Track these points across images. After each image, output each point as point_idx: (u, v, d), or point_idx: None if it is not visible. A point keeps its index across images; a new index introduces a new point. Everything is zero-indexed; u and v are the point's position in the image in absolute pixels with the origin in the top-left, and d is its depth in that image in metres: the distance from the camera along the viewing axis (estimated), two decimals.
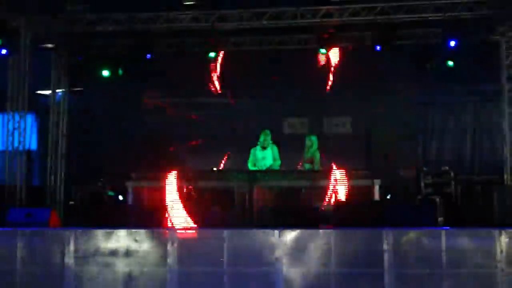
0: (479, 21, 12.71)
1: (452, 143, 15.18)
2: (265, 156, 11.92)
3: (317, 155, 12.11)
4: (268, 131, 12.19)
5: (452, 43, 12.69)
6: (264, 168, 11.69)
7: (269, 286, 7.81)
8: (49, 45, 13.88)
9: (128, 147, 14.94)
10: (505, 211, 10.51)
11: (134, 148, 14.57)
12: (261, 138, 12.01)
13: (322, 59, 14.70)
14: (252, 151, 12.18)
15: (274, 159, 11.92)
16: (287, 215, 9.32)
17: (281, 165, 12.04)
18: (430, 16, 12.34)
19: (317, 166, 11.90)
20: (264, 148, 11.95)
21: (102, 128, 15.79)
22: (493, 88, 14.12)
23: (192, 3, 12.29)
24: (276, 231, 7.85)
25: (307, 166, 11.96)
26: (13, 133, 13.04)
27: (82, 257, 8.01)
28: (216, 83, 15.09)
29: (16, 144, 13.04)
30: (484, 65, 13.53)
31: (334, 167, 13.87)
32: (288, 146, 14.47)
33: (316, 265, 7.78)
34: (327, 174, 11.12)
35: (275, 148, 12.08)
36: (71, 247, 8.05)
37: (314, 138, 12.25)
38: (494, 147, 14.78)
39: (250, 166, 12.03)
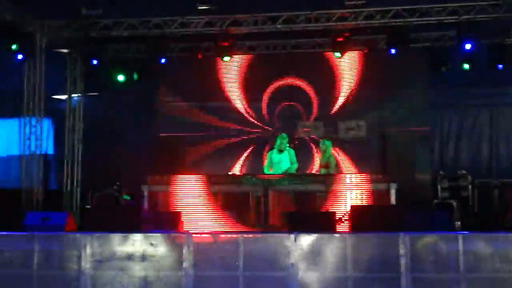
0: (494, 23, 12.63)
1: (468, 146, 15.06)
2: (281, 160, 11.93)
3: (332, 159, 12.09)
4: (285, 135, 12.21)
5: (468, 46, 12.59)
6: (280, 171, 11.67)
7: None
8: (64, 50, 13.97)
9: (143, 151, 14.97)
10: None
11: (150, 152, 14.60)
12: (278, 142, 12.03)
13: (337, 62, 14.73)
14: (268, 154, 12.22)
15: (291, 163, 11.91)
16: (303, 219, 9.28)
17: (297, 169, 12.03)
18: (445, 19, 12.29)
19: (332, 170, 11.87)
20: (280, 151, 11.96)
21: (118, 132, 15.84)
22: (509, 91, 14.05)
23: (206, 7, 12.29)
24: (292, 236, 7.83)
25: (323, 170, 11.94)
26: (30, 138, 13.13)
27: (98, 261, 8.03)
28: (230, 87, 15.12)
29: (33, 149, 13.14)
30: (499, 67, 13.42)
31: (350, 171, 13.93)
32: (303, 150, 14.52)
33: (332, 269, 7.75)
34: (343, 178, 11.08)
35: (292, 152, 12.08)
36: (88, 251, 8.08)
37: (328, 143, 12.25)
38: (511, 150, 14.67)
39: (266, 170, 12.03)
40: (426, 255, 7.69)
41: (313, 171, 13.35)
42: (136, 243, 8.01)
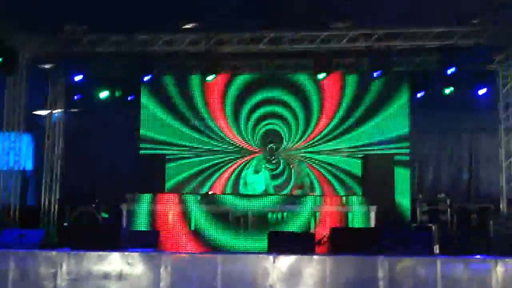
0: (476, 49, 12.77)
1: (448, 170, 15.13)
2: (255, 181, 11.89)
3: (307, 180, 12.10)
4: (261, 156, 12.27)
5: (450, 71, 12.70)
6: (254, 192, 11.64)
7: None
8: (47, 66, 13.89)
9: (123, 169, 14.89)
10: (501, 239, 10.46)
11: (130, 170, 14.51)
12: (254, 162, 12.04)
13: (319, 84, 14.81)
14: (244, 174, 12.19)
15: (266, 185, 11.90)
16: (282, 239, 9.23)
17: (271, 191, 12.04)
18: (427, 44, 12.40)
19: (307, 191, 11.88)
20: (257, 172, 11.93)
21: (98, 149, 15.74)
22: (490, 117, 14.16)
23: (190, 26, 12.32)
24: (271, 257, 7.79)
25: (298, 191, 11.95)
26: (8, 153, 13.01)
27: (74, 280, 7.93)
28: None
29: (11, 164, 13.01)
30: (480, 93, 13.54)
31: (329, 193, 13.95)
32: (283, 170, 14.55)
33: None
34: (323, 199, 11.08)
35: (267, 174, 12.10)
36: (64, 269, 7.98)
37: (303, 165, 12.35)
38: (490, 175, 14.76)
39: (241, 189, 12.01)
40: (404, 279, 7.68)
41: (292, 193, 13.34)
42: (113, 261, 7.92)
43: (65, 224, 13.16)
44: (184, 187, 14.81)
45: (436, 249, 11.54)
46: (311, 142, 14.91)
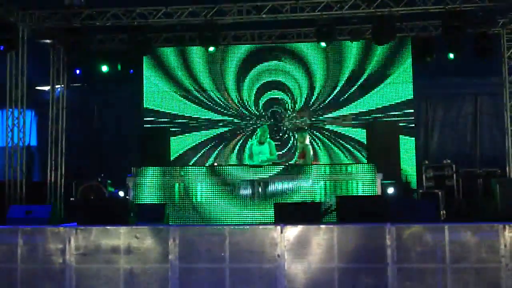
0: (480, 13, 12.63)
1: (453, 136, 15.12)
2: (261, 151, 11.87)
3: (309, 149, 12.06)
4: (266, 127, 12.21)
5: (453, 35, 12.56)
6: (259, 163, 11.62)
7: (271, 282, 7.76)
8: (47, 41, 13.80)
9: (128, 142, 14.92)
10: (508, 203, 10.47)
11: (135, 143, 14.53)
12: (259, 133, 11.98)
13: (322, 52, 14.74)
14: (249, 145, 12.16)
15: (271, 154, 11.88)
16: (289, 210, 9.25)
17: (275, 161, 12.02)
18: (431, 9, 12.26)
19: (309, 161, 11.86)
20: (261, 143, 11.90)
21: (102, 123, 15.76)
22: (494, 81, 14.08)
23: None
24: (278, 227, 7.79)
25: (301, 161, 11.93)
26: (12, 129, 12.98)
27: (83, 254, 7.96)
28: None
29: (16, 140, 12.99)
30: (484, 57, 13.43)
31: (335, 161, 13.94)
32: (288, 140, 14.54)
33: (319, 260, 7.73)
34: (329, 168, 11.06)
35: (272, 144, 12.06)
36: (72, 244, 8.00)
37: (305, 134, 12.26)
38: (495, 140, 14.73)
39: (247, 160, 11.99)
40: (412, 246, 7.68)
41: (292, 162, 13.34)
42: (121, 236, 7.94)
43: (72, 199, 13.18)
44: (189, 160, 14.83)
45: (443, 214, 11.58)
46: (315, 110, 14.87)
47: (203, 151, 14.96)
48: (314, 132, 14.71)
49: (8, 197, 12.52)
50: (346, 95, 14.80)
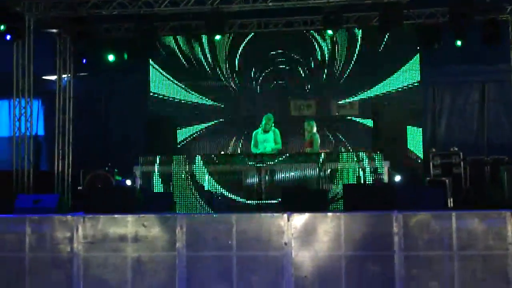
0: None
1: (460, 123, 15.07)
2: (266, 139, 11.87)
3: (316, 137, 12.05)
4: (270, 115, 12.15)
5: (460, 23, 12.49)
6: (264, 151, 11.62)
7: (278, 270, 7.78)
8: (53, 30, 13.81)
9: (135, 131, 14.93)
10: None
11: (142, 132, 14.55)
12: (263, 122, 11.97)
13: (328, 40, 14.68)
14: (254, 134, 12.15)
15: (275, 143, 11.87)
16: (296, 198, 9.25)
17: (281, 150, 12.00)
18: None
19: (316, 149, 11.85)
20: (266, 131, 11.89)
21: (109, 112, 15.78)
22: (502, 68, 14.01)
23: None
24: (285, 215, 7.80)
25: (308, 150, 11.91)
26: (20, 119, 13.02)
27: (91, 243, 8.00)
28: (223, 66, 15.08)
29: (23, 130, 13.03)
30: (492, 44, 13.35)
31: (342, 149, 13.91)
32: (295, 128, 14.51)
33: (326, 248, 7.74)
34: (335, 156, 11.05)
35: (277, 132, 12.03)
36: (80, 233, 8.04)
37: (312, 122, 12.23)
38: (502, 127, 14.69)
39: (253, 149, 11.99)
40: (419, 233, 7.68)
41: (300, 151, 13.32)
42: (129, 224, 7.97)
43: (79, 188, 13.23)
44: (196, 148, 14.83)
45: (450, 202, 11.55)
46: (321, 98, 14.84)
47: (209, 139, 14.94)
48: (320, 120, 14.66)
49: (15, 186, 12.59)
50: (353, 84, 14.75)
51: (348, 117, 14.76)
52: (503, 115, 14.72)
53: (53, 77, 14.67)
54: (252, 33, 14.77)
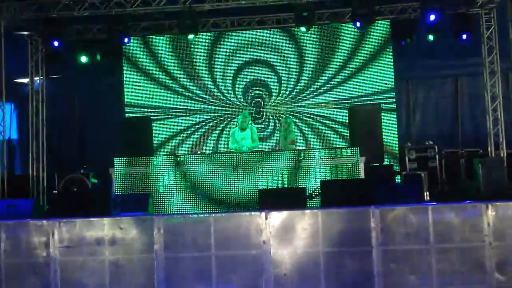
0: None
1: (434, 117, 15.21)
2: (243, 137, 11.89)
3: (293, 135, 12.08)
4: (246, 113, 12.20)
5: (432, 17, 12.58)
6: (243, 149, 11.63)
7: (258, 268, 7.75)
8: (24, 32, 13.65)
9: (110, 133, 14.79)
10: (490, 183, 10.53)
11: (116, 134, 14.41)
12: (240, 119, 11.97)
13: (302, 37, 14.69)
14: (231, 132, 12.15)
15: (252, 140, 11.88)
16: (273, 196, 9.26)
17: (257, 147, 12.02)
18: None
19: (293, 146, 11.87)
20: (243, 129, 11.90)
21: (83, 114, 15.64)
22: (474, 61, 14.14)
23: None
24: (263, 213, 7.78)
25: (293, 147, 11.92)
26: None
27: (67, 247, 7.90)
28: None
29: None
30: (464, 38, 13.46)
31: (318, 146, 13.94)
32: (271, 126, 14.52)
33: (304, 245, 7.73)
34: (311, 153, 11.07)
35: (254, 129, 12.07)
36: (56, 237, 7.93)
37: (289, 119, 12.29)
38: (476, 120, 14.83)
39: (231, 146, 11.98)
40: (397, 228, 7.70)
41: (277, 148, 13.34)
42: (105, 227, 7.88)
43: (55, 191, 13.09)
44: (172, 149, 14.77)
45: (427, 196, 11.65)
46: (296, 96, 14.86)
47: (186, 139, 14.89)
48: (296, 116, 14.67)
49: None
50: (328, 81, 14.79)
51: (324, 114, 14.79)
52: (477, 108, 14.86)
53: (26, 80, 14.50)
54: (226, 32, 14.74)
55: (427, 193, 11.78)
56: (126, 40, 13.38)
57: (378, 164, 12.04)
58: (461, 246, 7.60)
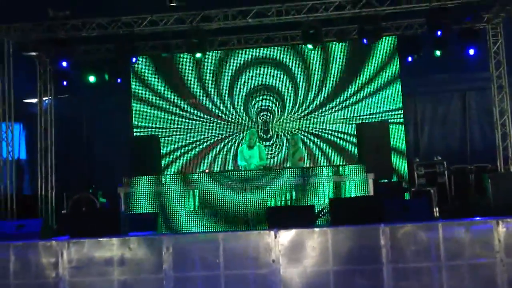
0: (464, 8, 12.66)
1: (443, 132, 15.17)
2: (252, 155, 11.87)
3: (300, 152, 12.05)
4: (254, 131, 12.20)
5: (439, 33, 12.59)
6: (252, 167, 11.61)
7: (267, 287, 7.72)
8: (33, 53, 13.73)
9: (118, 152, 14.82)
10: (500, 198, 10.45)
11: (125, 153, 14.42)
12: (247, 137, 11.96)
13: (309, 54, 14.73)
14: (239, 150, 12.14)
15: (260, 159, 11.87)
16: (282, 214, 9.21)
17: (265, 165, 12.00)
18: (415, 7, 12.28)
19: (301, 164, 11.85)
20: (250, 147, 11.89)
21: (91, 133, 15.69)
22: (482, 76, 14.12)
23: (176, 4, 12.16)
24: (272, 232, 7.75)
25: (301, 164, 11.89)
26: (0, 143, 12.90)
27: (76, 268, 7.88)
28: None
29: (4, 154, 12.91)
30: (471, 53, 13.46)
31: (326, 163, 13.91)
32: (279, 143, 14.51)
33: (314, 264, 7.69)
34: (320, 171, 11.04)
35: (262, 148, 12.05)
36: (65, 257, 7.92)
37: (297, 137, 12.26)
38: (485, 135, 14.77)
39: (240, 164, 11.97)
40: (406, 245, 7.65)
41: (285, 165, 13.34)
42: (114, 247, 7.86)
43: (63, 211, 13.11)
44: (181, 167, 14.77)
45: (436, 212, 11.58)
46: (303, 114, 14.87)
47: (194, 158, 14.91)
48: (304, 134, 14.67)
49: None
50: (335, 98, 14.82)
51: (332, 130, 14.77)
52: (485, 122, 14.82)
53: (34, 100, 14.58)
54: (234, 50, 14.79)
55: (437, 209, 11.73)
56: (134, 59, 13.46)
57: (386, 181, 11.99)
58: (472, 263, 7.54)
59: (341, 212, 8.72)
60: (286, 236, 7.73)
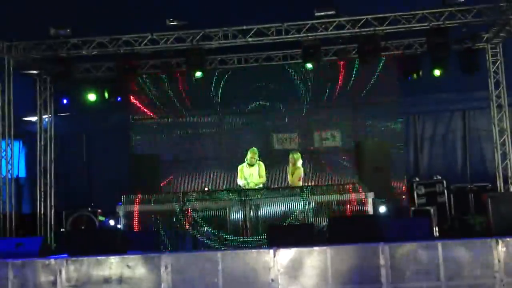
0: (463, 29, 12.72)
1: (442, 152, 15.14)
2: (251, 173, 11.85)
3: (299, 171, 12.02)
4: (255, 149, 12.13)
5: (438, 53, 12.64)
6: (249, 186, 11.59)
7: None
8: (33, 71, 13.77)
9: (117, 170, 14.81)
10: (499, 218, 10.43)
11: (124, 171, 14.43)
12: (249, 155, 11.94)
13: (309, 73, 14.75)
14: (239, 168, 12.10)
15: (260, 176, 11.84)
16: (282, 232, 9.19)
17: (265, 183, 11.96)
18: (415, 27, 12.34)
19: (299, 182, 11.81)
20: (251, 165, 11.87)
21: (91, 152, 15.69)
22: (481, 96, 14.14)
23: (176, 23, 12.23)
24: (271, 251, 7.74)
25: (299, 184, 11.86)
26: (0, 161, 12.90)
27: (74, 286, 7.86)
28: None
29: (4, 172, 12.90)
30: (470, 72, 13.51)
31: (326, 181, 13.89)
32: (278, 161, 14.48)
33: (313, 283, 7.67)
34: (319, 189, 11.01)
35: (262, 165, 12.01)
36: (63, 276, 7.91)
37: (297, 155, 12.21)
38: (485, 154, 14.75)
39: (239, 182, 11.94)
40: (406, 264, 7.65)
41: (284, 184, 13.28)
42: (113, 265, 7.85)
43: (62, 230, 13.08)
44: (180, 186, 14.73)
45: (436, 231, 11.56)
46: (303, 131, 14.87)
47: (194, 176, 14.86)
48: (305, 152, 14.65)
49: None
50: (334, 115, 14.82)
51: (331, 149, 14.77)
52: (485, 142, 14.80)
53: (34, 118, 14.59)
54: (233, 69, 14.82)
55: (436, 229, 11.70)
56: (134, 78, 13.50)
57: (386, 200, 11.97)
58: (472, 283, 7.52)
59: (340, 231, 8.71)
60: (285, 255, 7.72)
